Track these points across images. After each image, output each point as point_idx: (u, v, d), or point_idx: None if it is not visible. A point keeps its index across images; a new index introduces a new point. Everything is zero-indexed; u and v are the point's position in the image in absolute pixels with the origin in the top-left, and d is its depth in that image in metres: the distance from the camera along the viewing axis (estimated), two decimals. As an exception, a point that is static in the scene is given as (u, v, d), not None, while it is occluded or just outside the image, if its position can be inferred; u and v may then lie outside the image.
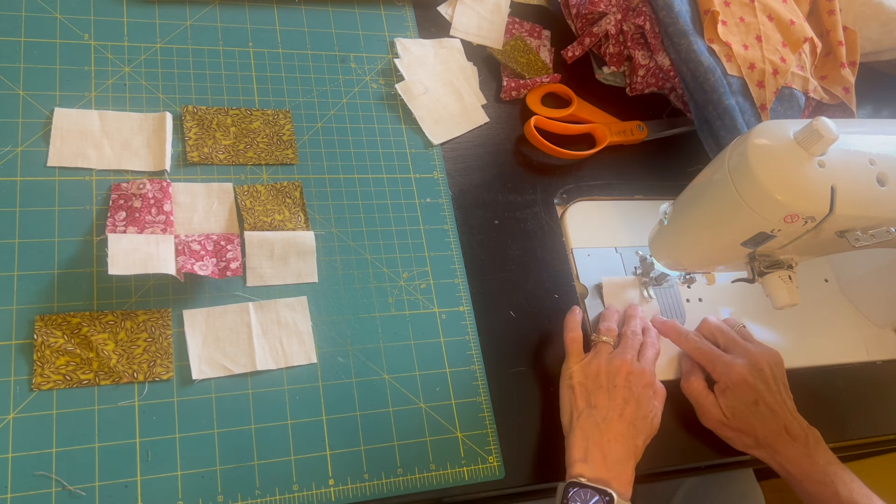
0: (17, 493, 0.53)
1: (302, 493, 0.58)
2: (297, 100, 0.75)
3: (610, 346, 0.68)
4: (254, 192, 0.68)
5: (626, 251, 0.78)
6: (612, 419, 0.62)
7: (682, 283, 0.77)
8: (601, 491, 0.58)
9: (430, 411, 0.64)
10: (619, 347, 0.68)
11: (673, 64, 0.81)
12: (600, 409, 0.63)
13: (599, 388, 0.64)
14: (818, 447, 0.66)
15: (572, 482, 0.59)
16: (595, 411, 0.63)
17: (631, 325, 0.70)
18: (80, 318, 0.59)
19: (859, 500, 0.63)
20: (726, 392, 0.68)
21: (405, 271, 0.70)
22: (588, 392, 0.64)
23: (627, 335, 0.69)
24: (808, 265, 0.83)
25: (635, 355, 0.67)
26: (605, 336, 0.69)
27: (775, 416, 0.67)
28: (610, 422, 0.62)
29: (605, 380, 0.64)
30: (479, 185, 0.77)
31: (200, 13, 0.76)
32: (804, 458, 0.65)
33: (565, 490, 0.59)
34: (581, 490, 0.59)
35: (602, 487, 0.58)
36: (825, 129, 0.54)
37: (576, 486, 0.59)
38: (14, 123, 0.65)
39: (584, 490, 0.59)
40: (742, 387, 0.67)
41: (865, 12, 0.93)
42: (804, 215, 0.55)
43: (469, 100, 0.81)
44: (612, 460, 0.60)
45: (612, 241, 0.79)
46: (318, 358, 0.64)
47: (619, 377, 0.64)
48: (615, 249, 0.79)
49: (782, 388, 0.68)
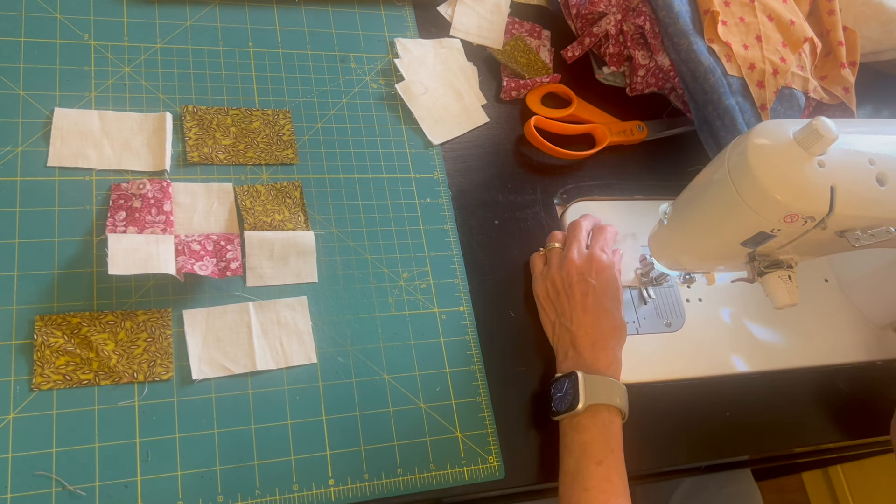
0: (17, 493, 0.53)
1: (302, 493, 0.58)
2: (297, 100, 0.75)
3: (559, 250, 0.71)
4: (254, 192, 0.68)
5: (626, 251, 0.78)
6: (577, 317, 0.66)
7: (682, 283, 0.77)
8: (568, 374, 0.63)
9: (430, 411, 0.64)
10: (565, 245, 0.70)
11: (673, 64, 0.81)
12: (566, 312, 0.67)
13: (559, 294, 0.67)
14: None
15: (552, 380, 0.64)
16: (563, 317, 0.67)
17: (573, 224, 0.73)
18: (80, 318, 0.59)
19: None
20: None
21: (405, 271, 0.70)
22: (552, 301, 0.68)
23: (570, 234, 0.71)
24: (808, 265, 0.83)
25: (581, 247, 0.69)
26: (552, 243, 0.71)
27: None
28: (577, 320, 0.65)
29: (561, 283, 0.68)
30: (479, 185, 0.77)
31: (200, 13, 0.76)
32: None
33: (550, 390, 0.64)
34: (557, 382, 0.65)
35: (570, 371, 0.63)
36: (825, 129, 0.54)
37: (554, 382, 0.65)
38: (14, 123, 0.65)
39: (559, 381, 0.64)
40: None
41: (865, 12, 0.93)
42: (804, 215, 0.55)
43: (469, 100, 0.81)
44: (585, 350, 0.64)
45: (612, 241, 0.79)
46: (318, 358, 0.64)
47: (571, 276, 0.67)
48: (615, 249, 0.79)
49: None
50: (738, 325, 0.78)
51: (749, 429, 0.72)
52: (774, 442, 0.73)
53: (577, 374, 0.62)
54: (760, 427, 0.73)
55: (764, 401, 0.74)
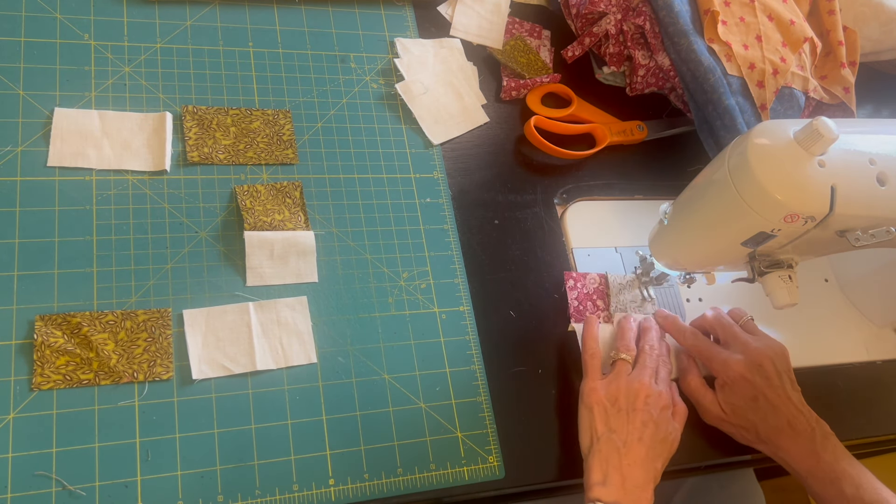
0: (17, 493, 0.53)
1: (302, 493, 0.58)
2: (297, 100, 0.75)
3: (629, 364, 0.67)
4: (254, 191, 0.68)
5: (626, 251, 0.78)
6: (631, 443, 0.61)
7: (682, 283, 0.76)
8: None
9: (430, 411, 0.64)
10: (637, 367, 0.67)
11: (673, 64, 0.81)
12: (619, 432, 0.62)
13: (619, 412, 0.63)
14: (826, 442, 0.65)
15: None
16: (614, 435, 0.62)
17: (647, 339, 0.69)
18: (80, 318, 0.59)
19: (866, 495, 0.62)
20: (724, 388, 0.68)
21: (405, 271, 0.70)
22: (607, 415, 0.63)
23: (645, 351, 0.68)
24: (808, 265, 0.83)
25: (654, 376, 0.66)
26: (624, 354, 0.68)
27: (776, 412, 0.66)
28: (629, 445, 0.61)
29: (625, 402, 0.64)
30: (479, 185, 0.77)
31: (200, 13, 0.76)
32: (809, 454, 0.64)
33: None
34: None
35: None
36: (825, 129, 0.54)
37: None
38: (14, 123, 0.65)
39: None
40: (740, 383, 0.67)
41: (865, 12, 0.93)
42: (804, 215, 0.55)
43: (469, 100, 0.81)
44: (630, 485, 0.60)
45: (612, 241, 0.79)
46: (318, 358, 0.64)
47: (639, 400, 0.64)
48: (615, 249, 0.79)
49: (786, 383, 0.67)
50: (738, 325, 0.78)
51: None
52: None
53: None
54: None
55: (764, 401, 0.74)
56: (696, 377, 0.70)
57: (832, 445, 0.65)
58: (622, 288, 0.75)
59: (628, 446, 0.61)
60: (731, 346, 0.70)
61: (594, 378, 0.66)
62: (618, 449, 0.61)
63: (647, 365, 0.67)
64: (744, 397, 0.67)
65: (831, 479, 0.63)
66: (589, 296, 0.74)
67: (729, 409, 0.67)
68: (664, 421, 0.64)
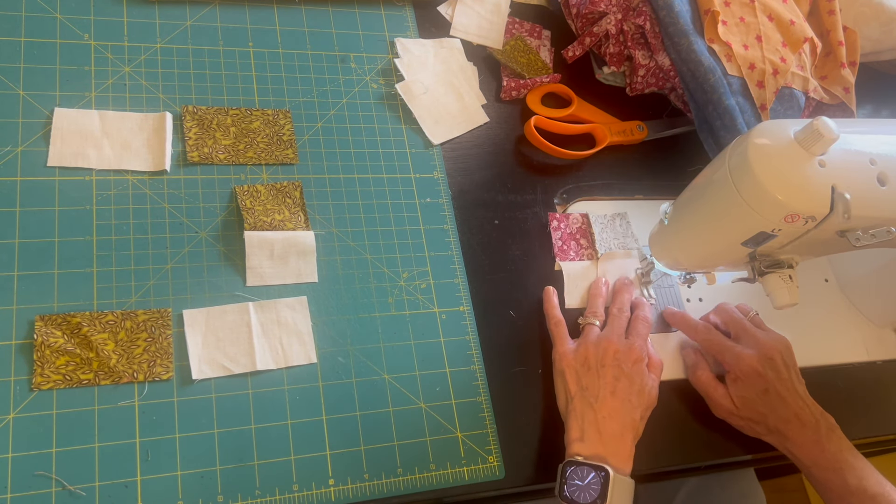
0: (17, 492, 0.53)
1: (302, 493, 0.58)
2: (297, 100, 0.75)
3: (597, 327, 0.69)
4: (254, 191, 0.68)
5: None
6: (604, 397, 0.63)
7: (682, 283, 0.77)
8: (597, 467, 0.59)
9: (430, 411, 0.64)
10: (606, 328, 0.69)
11: (673, 64, 0.81)
12: (591, 389, 0.64)
13: (589, 370, 0.65)
14: (831, 434, 0.66)
15: (570, 461, 0.61)
16: (587, 392, 0.64)
17: (618, 301, 0.71)
18: (80, 318, 0.59)
19: (869, 487, 0.63)
20: (737, 382, 0.69)
21: (405, 271, 0.70)
22: (578, 375, 0.65)
23: (613, 314, 0.70)
24: (808, 265, 0.83)
25: (622, 334, 0.68)
26: (591, 318, 0.70)
27: (785, 404, 0.67)
28: (602, 400, 0.63)
29: (594, 361, 0.65)
30: (479, 185, 0.77)
31: (200, 13, 0.76)
32: (814, 444, 0.65)
33: (563, 469, 0.60)
34: (578, 468, 0.60)
35: (598, 464, 0.59)
36: (825, 129, 0.54)
37: (573, 465, 0.60)
38: (14, 123, 0.65)
39: (581, 468, 0.60)
40: (752, 377, 0.68)
41: (865, 12, 0.93)
42: (804, 215, 0.55)
43: (469, 100, 0.81)
44: (607, 436, 0.61)
45: (612, 241, 0.79)
46: (318, 358, 0.64)
47: (608, 356, 0.65)
48: (615, 249, 0.79)
49: (793, 375, 0.69)
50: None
51: (749, 429, 0.72)
52: (775, 442, 0.73)
53: (608, 472, 0.59)
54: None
55: (764, 401, 0.74)
56: (706, 371, 0.71)
57: (837, 437, 0.66)
58: (604, 227, 0.77)
59: (601, 401, 0.63)
60: (741, 340, 0.71)
61: (563, 344, 0.68)
62: (591, 405, 0.63)
63: (615, 325, 0.68)
64: (755, 390, 0.67)
65: (835, 468, 0.64)
66: (572, 235, 0.76)
67: (740, 403, 0.68)
68: (638, 374, 0.65)
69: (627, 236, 0.77)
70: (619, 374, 0.64)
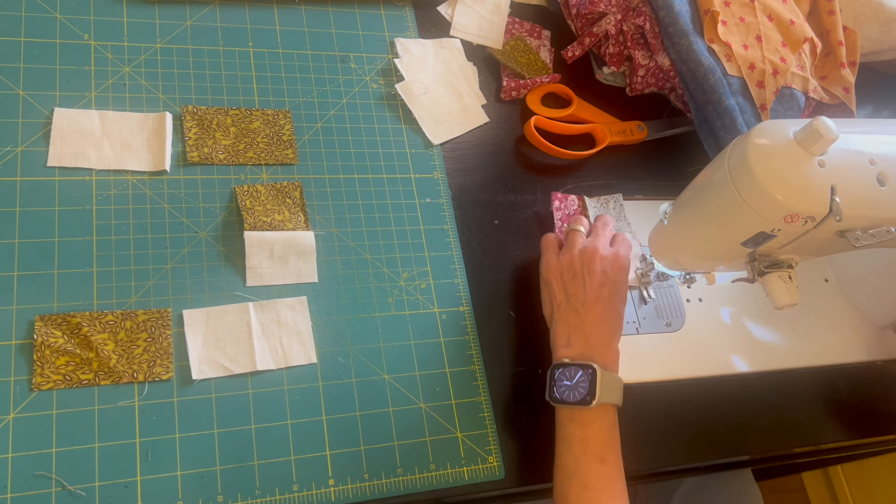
0: (17, 493, 0.53)
1: (302, 493, 0.58)
2: (297, 100, 0.75)
3: (581, 234, 0.69)
4: (254, 192, 0.68)
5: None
6: (590, 303, 0.63)
7: (682, 283, 0.77)
8: (584, 366, 0.60)
9: (430, 411, 0.64)
10: (591, 236, 0.69)
11: (673, 64, 0.81)
12: (577, 295, 0.64)
13: (575, 277, 0.65)
14: None
15: (557, 364, 0.61)
16: (573, 299, 0.64)
17: (602, 218, 0.72)
18: (80, 318, 0.59)
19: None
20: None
21: (405, 271, 0.70)
22: (564, 282, 0.66)
23: (598, 226, 0.70)
24: (808, 265, 0.83)
25: (606, 242, 0.68)
26: (576, 224, 0.70)
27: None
28: (588, 305, 0.63)
29: (580, 267, 0.65)
30: (479, 185, 0.77)
31: (200, 13, 0.76)
32: None
33: (551, 373, 0.61)
34: (566, 369, 0.61)
35: (585, 362, 0.60)
36: (825, 129, 0.54)
37: (560, 367, 0.61)
38: (14, 123, 0.65)
39: (569, 368, 0.61)
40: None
41: (865, 12, 0.93)
42: (804, 215, 0.55)
43: (469, 100, 0.81)
44: (594, 340, 0.62)
45: (612, 241, 0.79)
46: (318, 358, 0.64)
47: (594, 263, 0.65)
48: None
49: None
50: (738, 325, 0.78)
51: (749, 429, 0.72)
52: (774, 442, 0.73)
53: (595, 369, 0.60)
54: (760, 427, 0.73)
55: (764, 401, 0.74)
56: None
57: None
58: (598, 209, 0.77)
59: (587, 306, 0.63)
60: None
61: (550, 255, 0.68)
62: (577, 310, 0.63)
63: (601, 234, 0.69)
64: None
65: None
66: (571, 216, 0.76)
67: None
68: (622, 282, 0.66)
69: (620, 219, 0.78)
70: (605, 280, 0.64)
